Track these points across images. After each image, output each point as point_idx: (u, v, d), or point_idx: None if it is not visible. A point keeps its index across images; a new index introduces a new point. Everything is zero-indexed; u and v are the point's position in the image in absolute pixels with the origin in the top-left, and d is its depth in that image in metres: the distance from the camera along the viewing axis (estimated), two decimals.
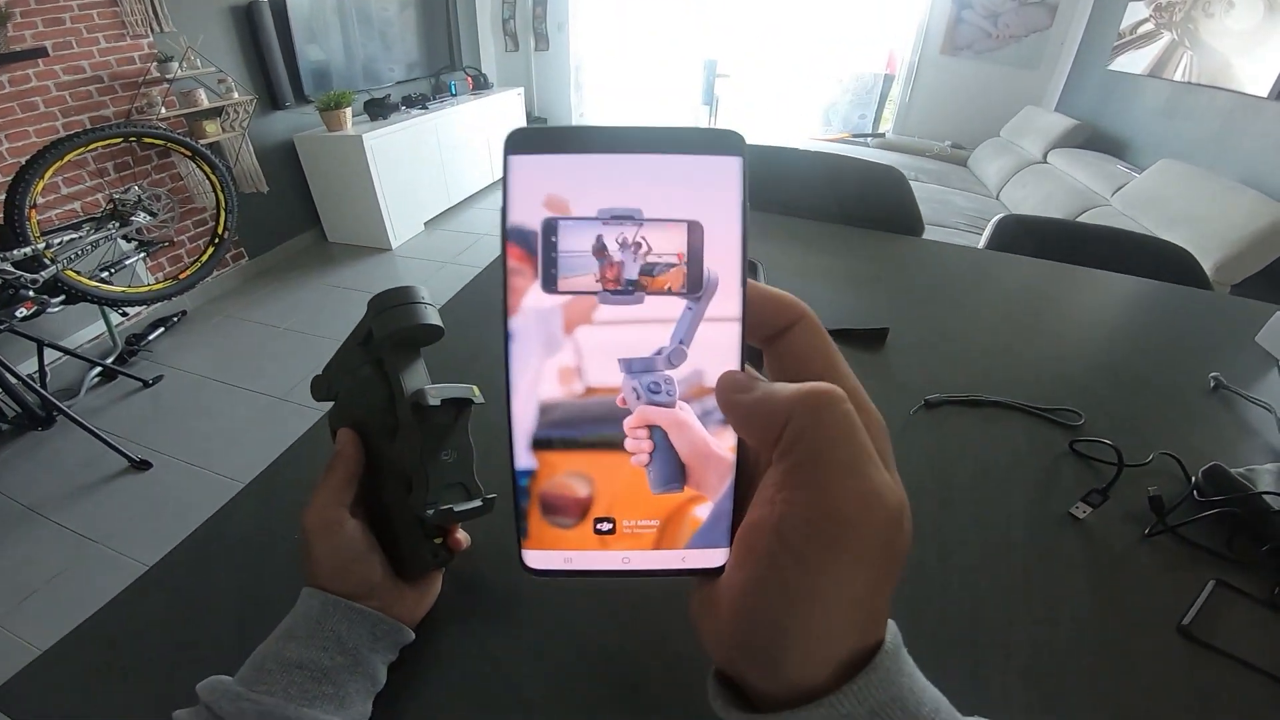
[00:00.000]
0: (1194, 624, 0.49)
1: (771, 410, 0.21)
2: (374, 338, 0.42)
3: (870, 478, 0.20)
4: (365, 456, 0.43)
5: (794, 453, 0.20)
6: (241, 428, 2.48)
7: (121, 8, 2.85)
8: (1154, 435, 0.70)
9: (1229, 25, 3.10)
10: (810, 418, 0.20)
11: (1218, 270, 2.36)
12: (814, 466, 0.20)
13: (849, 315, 0.91)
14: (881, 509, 0.19)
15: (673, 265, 0.22)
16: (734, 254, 0.22)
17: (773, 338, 0.24)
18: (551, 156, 0.22)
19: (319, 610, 0.39)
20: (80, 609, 0.47)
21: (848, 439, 0.20)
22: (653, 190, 0.22)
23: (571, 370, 0.23)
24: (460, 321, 0.85)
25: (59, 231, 2.34)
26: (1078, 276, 1.12)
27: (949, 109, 5.04)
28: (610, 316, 0.23)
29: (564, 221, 0.22)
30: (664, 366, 0.23)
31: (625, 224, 0.22)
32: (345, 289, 3.56)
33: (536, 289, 0.22)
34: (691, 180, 0.22)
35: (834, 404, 0.20)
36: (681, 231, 0.22)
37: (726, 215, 0.22)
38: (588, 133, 0.22)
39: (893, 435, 0.68)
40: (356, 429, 0.43)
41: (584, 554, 0.24)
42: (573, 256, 0.22)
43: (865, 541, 0.19)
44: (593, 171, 0.22)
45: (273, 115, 3.68)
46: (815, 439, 0.20)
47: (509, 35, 5.72)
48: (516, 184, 0.22)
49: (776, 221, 1.24)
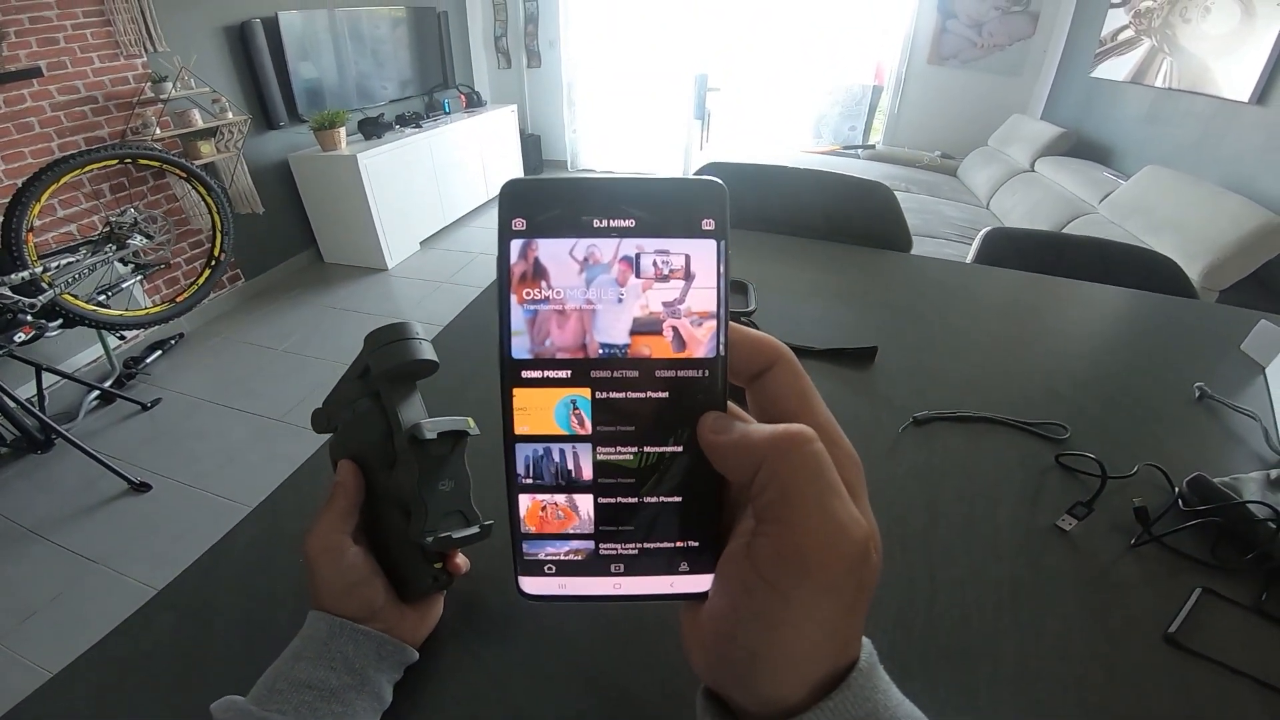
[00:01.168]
0: (1180, 632, 0.50)
1: (747, 451, 0.22)
2: (371, 373, 0.43)
3: (836, 514, 0.21)
4: (365, 485, 0.44)
5: (767, 491, 0.22)
6: (239, 449, 2.48)
7: (115, 27, 2.87)
8: (1140, 446, 0.71)
9: (1206, 30, 3.13)
10: (781, 459, 0.22)
11: (1205, 276, 2.37)
12: (784, 504, 0.21)
13: (839, 334, 0.92)
14: (847, 543, 0.21)
15: (658, 328, 0.24)
16: (715, 308, 0.24)
17: (753, 378, 0.25)
18: (543, 240, 0.24)
19: (326, 632, 0.40)
20: (81, 628, 0.48)
21: (815, 478, 0.21)
22: (641, 254, 0.24)
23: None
24: (454, 349, 0.86)
25: (56, 255, 2.34)
26: (1064, 289, 1.13)
27: (937, 119, 5.08)
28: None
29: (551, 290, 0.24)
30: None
31: (612, 288, 0.24)
32: (341, 310, 3.57)
33: (527, 350, 0.24)
34: (674, 251, 0.24)
35: (803, 445, 0.22)
36: (670, 293, 0.24)
37: (706, 279, 0.24)
38: (577, 208, 0.24)
39: (882, 453, 0.69)
40: (356, 459, 0.45)
41: (577, 581, 0.26)
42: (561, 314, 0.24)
43: (831, 572, 0.21)
44: (580, 246, 0.24)
45: (267, 135, 3.70)
46: (786, 478, 0.21)
47: (501, 52, 5.77)
48: (512, 268, 0.24)
49: (767, 240, 1.26)
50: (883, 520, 0.61)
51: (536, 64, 5.79)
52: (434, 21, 4.77)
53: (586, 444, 0.25)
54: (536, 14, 5.56)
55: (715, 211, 0.24)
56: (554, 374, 0.24)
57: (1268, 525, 0.57)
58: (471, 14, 5.44)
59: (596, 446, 0.25)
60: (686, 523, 0.25)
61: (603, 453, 0.25)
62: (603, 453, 0.25)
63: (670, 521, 0.25)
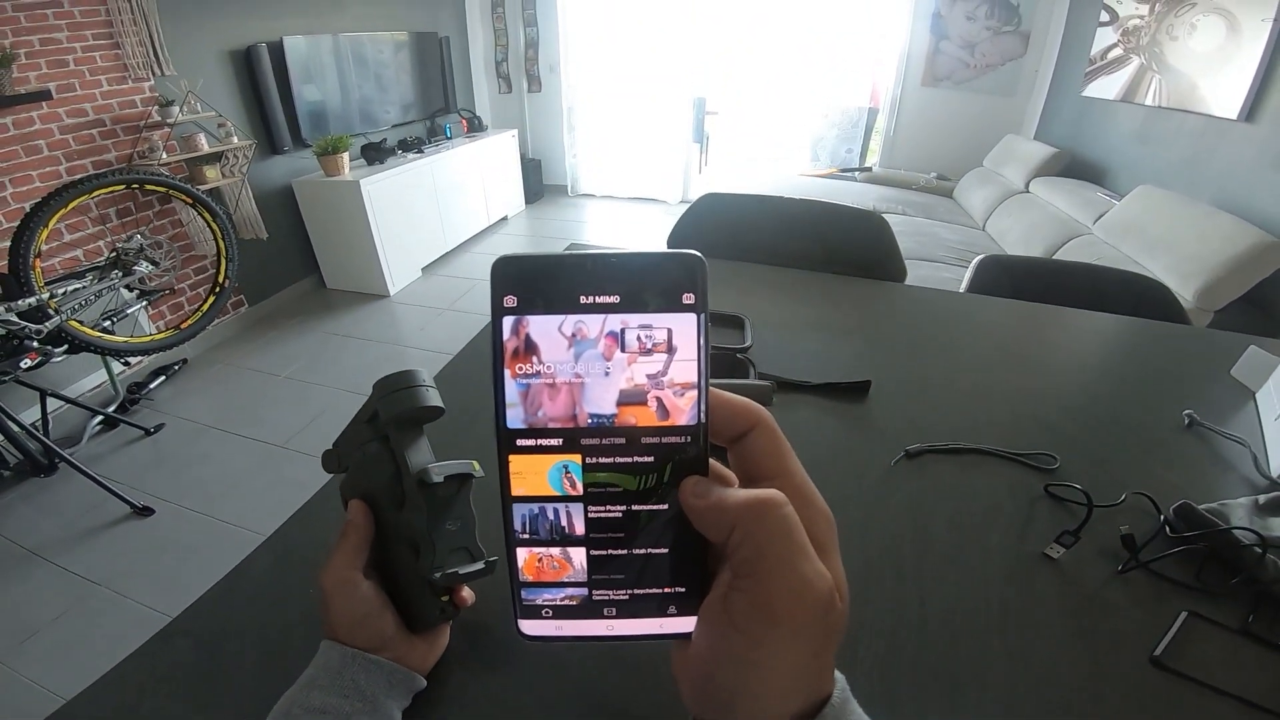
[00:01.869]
0: (1166, 654, 0.51)
1: (723, 514, 0.25)
2: (379, 418, 0.46)
3: (802, 571, 0.23)
4: (376, 523, 0.47)
5: (741, 549, 0.24)
6: (242, 475, 2.49)
7: (123, 50, 2.89)
8: (1128, 474, 0.73)
9: (1193, 48, 3.15)
10: (753, 523, 0.24)
11: (1200, 297, 2.38)
12: (757, 561, 0.24)
13: (834, 368, 0.93)
14: (811, 596, 0.23)
15: (643, 399, 0.26)
16: (696, 379, 0.26)
17: (734, 440, 0.27)
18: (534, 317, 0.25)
19: (339, 661, 0.43)
20: (83, 649, 0.50)
21: (785, 539, 0.24)
22: (626, 329, 0.26)
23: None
24: (457, 386, 0.86)
25: (62, 281, 2.36)
26: (1056, 316, 1.15)
27: (933, 140, 5.14)
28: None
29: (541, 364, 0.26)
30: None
31: (599, 362, 0.26)
32: (344, 336, 3.59)
33: (521, 420, 0.26)
34: (656, 326, 0.26)
35: (773, 510, 0.24)
36: (654, 366, 0.26)
37: (688, 351, 0.26)
38: (566, 285, 0.25)
39: (874, 485, 0.71)
40: (366, 499, 0.47)
41: (573, 623, 0.28)
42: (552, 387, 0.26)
43: (798, 622, 0.23)
44: (570, 321, 0.26)
45: (271, 160, 3.73)
46: (758, 539, 0.24)
47: (502, 77, 5.84)
48: (505, 343, 0.25)
49: (764, 273, 1.28)
50: (874, 550, 0.62)
51: (537, 89, 5.86)
52: (436, 46, 4.84)
53: (579, 504, 0.27)
54: (537, 39, 5.64)
55: (695, 286, 0.25)
56: (547, 442, 0.26)
57: (1253, 550, 0.58)
58: (473, 39, 5.52)
59: (588, 506, 0.27)
60: (673, 571, 0.27)
61: (594, 511, 0.27)
62: (594, 511, 0.27)
63: (658, 570, 0.27)
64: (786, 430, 0.28)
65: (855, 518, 0.66)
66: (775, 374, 0.89)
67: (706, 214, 1.40)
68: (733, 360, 0.88)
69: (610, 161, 6.19)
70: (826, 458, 0.76)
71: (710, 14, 5.19)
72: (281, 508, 0.67)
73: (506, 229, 5.41)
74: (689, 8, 5.16)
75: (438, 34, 4.85)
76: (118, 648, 0.50)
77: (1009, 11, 4.60)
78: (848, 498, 0.70)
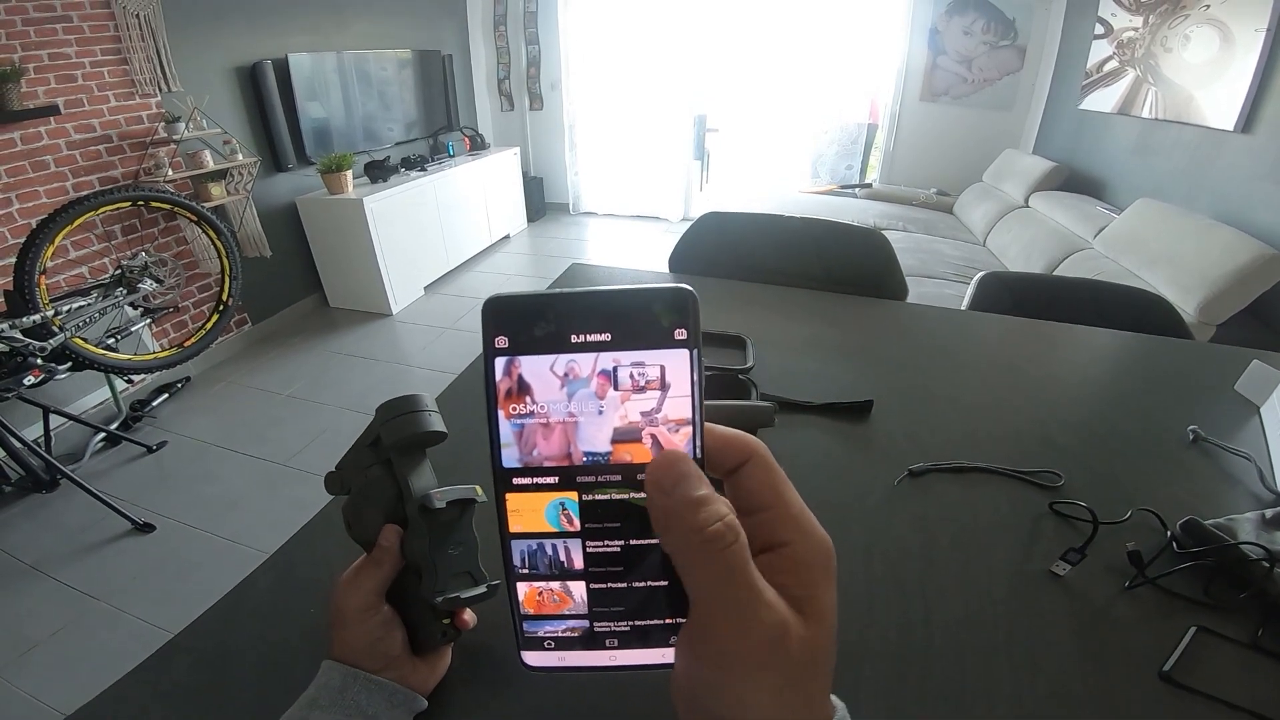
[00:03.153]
0: (1175, 669, 0.51)
1: (662, 532, 0.25)
2: (382, 442, 0.46)
3: (745, 609, 0.23)
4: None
5: (690, 589, 0.24)
6: (244, 493, 2.48)
7: (131, 66, 2.90)
8: (1134, 490, 0.72)
9: (1187, 59, 3.15)
10: (700, 566, 0.24)
11: (1202, 310, 2.37)
12: (704, 600, 0.24)
13: (836, 388, 0.93)
14: (756, 631, 0.23)
15: (637, 436, 0.26)
16: (690, 414, 0.26)
17: (730, 472, 0.27)
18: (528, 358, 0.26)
19: (340, 682, 0.43)
20: (81, 663, 0.50)
21: (726, 582, 0.23)
22: (619, 367, 0.26)
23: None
24: (460, 407, 0.86)
25: (67, 298, 2.36)
26: (1058, 333, 1.15)
27: (932, 155, 5.17)
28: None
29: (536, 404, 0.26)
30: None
31: (592, 400, 0.26)
32: (346, 355, 3.59)
33: (516, 460, 0.26)
34: (649, 363, 0.26)
35: (716, 555, 0.23)
36: (648, 403, 0.26)
37: (681, 387, 0.26)
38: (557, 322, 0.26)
39: (877, 506, 0.71)
40: (371, 523, 0.47)
41: (575, 654, 0.28)
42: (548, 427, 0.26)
43: (750, 656, 0.23)
44: (562, 361, 0.26)
45: (276, 177, 3.74)
46: (699, 580, 0.24)
47: (504, 95, 5.89)
48: (498, 384, 0.26)
49: (765, 292, 1.28)
50: (878, 571, 0.62)
51: (539, 106, 5.91)
52: (439, 64, 4.87)
53: (576, 539, 0.27)
54: (538, 57, 5.69)
55: (687, 320, 0.25)
56: (543, 480, 0.26)
57: (1261, 564, 0.58)
58: (475, 56, 5.57)
59: (585, 541, 0.27)
60: (672, 602, 0.27)
61: (592, 546, 0.27)
62: (592, 546, 0.27)
63: (657, 602, 0.27)
64: (789, 451, 0.28)
65: (858, 538, 0.66)
66: (777, 394, 0.89)
67: (707, 233, 1.41)
68: (734, 382, 0.88)
69: (612, 179, 6.21)
70: (829, 478, 0.76)
71: (710, 31, 5.24)
72: (283, 525, 0.67)
73: (509, 248, 5.41)
74: (689, 25, 5.22)
75: (440, 52, 4.89)
76: (116, 662, 0.50)
77: (1005, 26, 4.64)
78: (851, 518, 0.69)
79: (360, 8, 4.21)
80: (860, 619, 0.56)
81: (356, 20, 4.19)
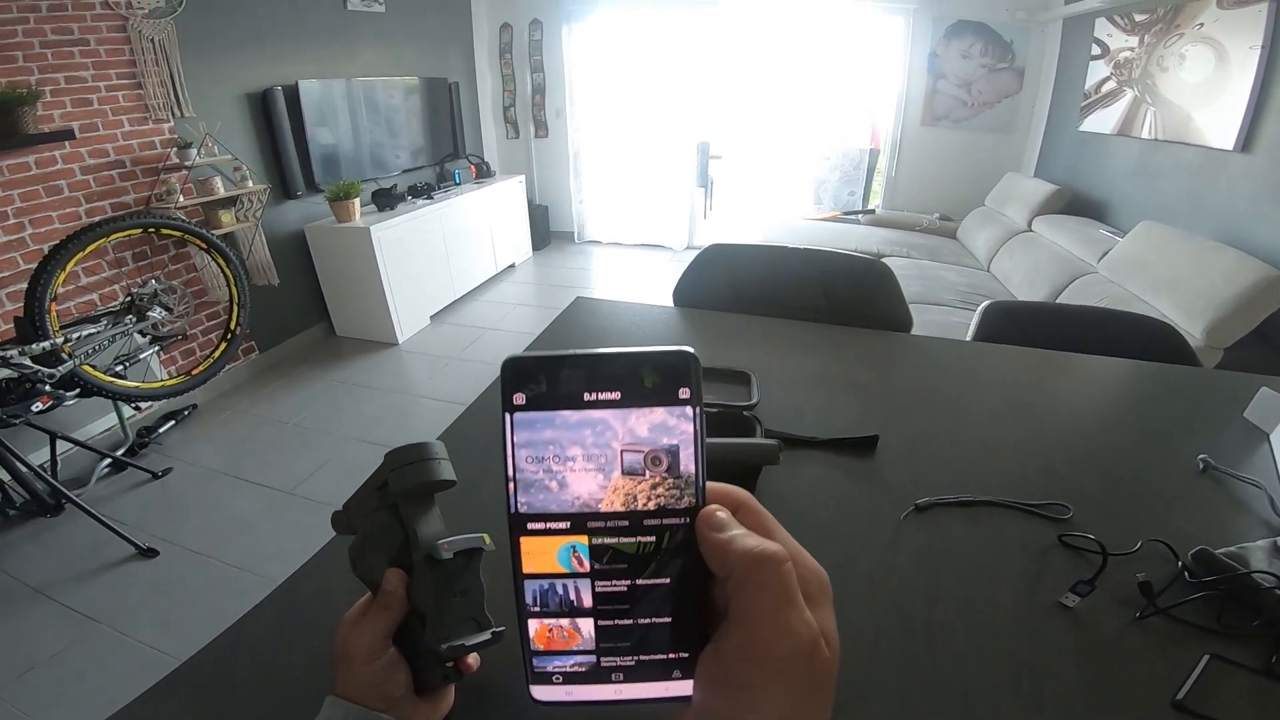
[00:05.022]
0: (1188, 697, 0.51)
1: (725, 555, 0.27)
2: (390, 489, 0.46)
3: (788, 619, 0.25)
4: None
5: (735, 598, 0.26)
6: (249, 520, 2.48)
7: (145, 91, 2.93)
8: (1144, 521, 0.72)
9: (1184, 78, 3.15)
10: (749, 573, 0.26)
11: (1208, 335, 2.36)
12: (747, 608, 0.26)
13: (841, 423, 0.93)
14: (792, 641, 0.25)
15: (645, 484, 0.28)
16: (694, 466, 0.28)
17: None
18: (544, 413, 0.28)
19: (343, 719, 0.42)
20: (82, 686, 0.49)
21: (775, 591, 0.26)
22: (631, 431, 0.28)
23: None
24: (466, 443, 0.84)
25: (77, 325, 2.36)
26: (1063, 362, 1.14)
27: (934, 179, 5.19)
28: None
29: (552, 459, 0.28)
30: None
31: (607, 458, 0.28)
32: (352, 385, 3.59)
33: (530, 507, 0.28)
34: (655, 419, 0.28)
35: (769, 565, 0.26)
36: (659, 458, 0.28)
37: (686, 440, 0.28)
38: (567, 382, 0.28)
39: (883, 541, 0.71)
40: (375, 565, 0.47)
41: (582, 688, 0.29)
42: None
43: (782, 665, 0.25)
44: (574, 421, 0.28)
45: (285, 205, 3.77)
46: (749, 590, 0.26)
47: (509, 123, 5.96)
48: (515, 437, 0.28)
49: (770, 325, 1.28)
50: (883, 605, 0.62)
51: (544, 134, 5.96)
52: (445, 92, 4.93)
53: (586, 579, 0.29)
54: (543, 85, 5.76)
55: (689, 380, 0.28)
56: (555, 525, 0.28)
57: (1274, 592, 0.57)
58: (481, 84, 5.64)
59: (595, 581, 0.29)
60: (676, 638, 0.29)
61: (600, 586, 0.29)
62: (600, 586, 0.29)
63: (662, 638, 0.29)
64: (794, 487, 0.29)
65: (864, 574, 0.66)
66: (782, 430, 0.89)
67: (711, 265, 1.42)
68: (739, 419, 0.88)
69: (616, 207, 6.23)
70: (835, 514, 0.75)
71: (713, 58, 5.30)
72: (287, 553, 0.67)
73: (514, 277, 5.41)
74: (692, 53, 5.28)
75: (447, 80, 4.96)
76: (116, 685, 0.50)
77: (1003, 48, 4.69)
78: (856, 554, 0.69)
79: (369, 36, 4.28)
80: (865, 655, 0.56)
81: (365, 49, 4.26)
